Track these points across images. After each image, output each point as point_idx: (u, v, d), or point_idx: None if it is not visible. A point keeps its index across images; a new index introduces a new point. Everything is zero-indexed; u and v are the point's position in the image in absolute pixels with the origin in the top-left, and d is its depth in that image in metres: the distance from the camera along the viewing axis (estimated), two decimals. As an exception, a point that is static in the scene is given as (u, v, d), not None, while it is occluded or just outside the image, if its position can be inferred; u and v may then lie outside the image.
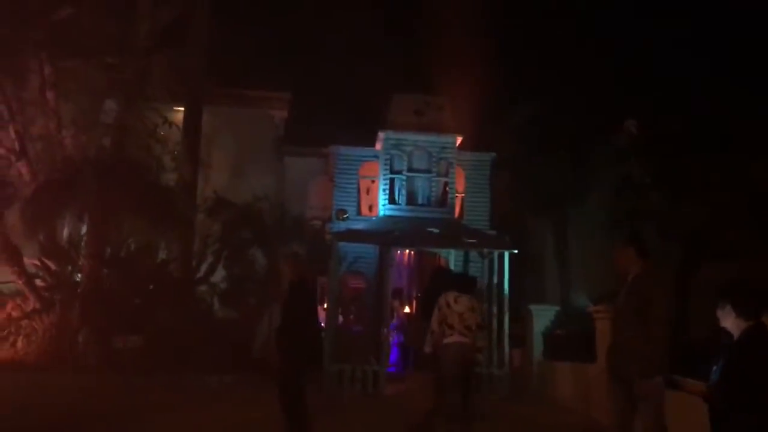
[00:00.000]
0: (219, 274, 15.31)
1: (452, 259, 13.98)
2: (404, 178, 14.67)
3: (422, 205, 14.54)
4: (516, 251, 12.93)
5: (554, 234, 18.01)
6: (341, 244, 13.69)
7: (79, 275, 12.54)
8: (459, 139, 14.70)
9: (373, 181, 15.38)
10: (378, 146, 15.11)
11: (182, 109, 16.54)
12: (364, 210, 15.41)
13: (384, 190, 14.62)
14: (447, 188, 14.64)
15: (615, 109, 15.67)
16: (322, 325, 16.62)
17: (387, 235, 12.90)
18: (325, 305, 19.74)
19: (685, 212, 14.81)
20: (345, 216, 14.30)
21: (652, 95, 15.36)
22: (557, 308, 13.62)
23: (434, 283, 11.03)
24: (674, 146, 14.84)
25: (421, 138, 14.48)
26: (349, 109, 17.43)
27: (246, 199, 16.13)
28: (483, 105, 15.39)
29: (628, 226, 15.56)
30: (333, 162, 15.58)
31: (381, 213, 14.61)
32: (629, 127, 15.54)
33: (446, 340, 7.33)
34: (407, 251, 16.45)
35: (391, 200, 14.57)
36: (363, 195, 15.50)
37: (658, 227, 14.98)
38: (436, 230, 13.16)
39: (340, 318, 15.20)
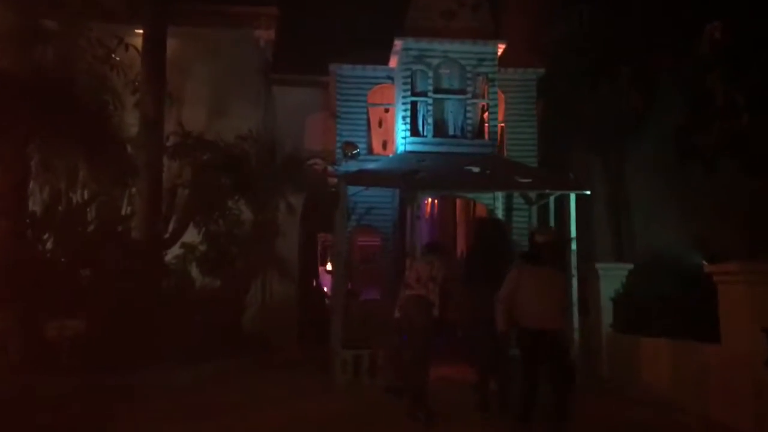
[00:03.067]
0: (193, 234, 12.08)
1: (500, 206, 10.71)
2: (430, 101, 11.16)
3: (454, 136, 11.11)
4: (588, 192, 9.74)
5: (607, 173, 14.70)
6: (351, 190, 10.42)
7: None
8: (501, 48, 11.23)
9: (387, 110, 11.99)
10: (393, 63, 11.65)
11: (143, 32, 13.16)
12: (377, 147, 12.06)
13: (404, 118, 11.15)
14: (486, 113, 11.23)
15: (694, 12, 12.20)
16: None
17: (411, 175, 9.59)
18: (328, 267, 16.97)
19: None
20: (355, 151, 10.90)
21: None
22: (630, 267, 10.50)
23: (486, 240, 7.76)
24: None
25: (453, 47, 10.97)
26: (356, 23, 13.81)
27: (228, 140, 12.86)
28: (528, 7, 11.94)
29: (710, 159, 12.39)
30: (334, 87, 12.14)
31: (400, 149, 11.21)
32: (712, 32, 12.06)
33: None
34: (429, 199, 13.20)
35: (414, 132, 11.12)
36: (374, 128, 12.11)
37: (749, 160, 11.74)
38: (476, 169, 9.85)
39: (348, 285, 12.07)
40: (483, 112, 11.32)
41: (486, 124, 11.28)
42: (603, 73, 13.26)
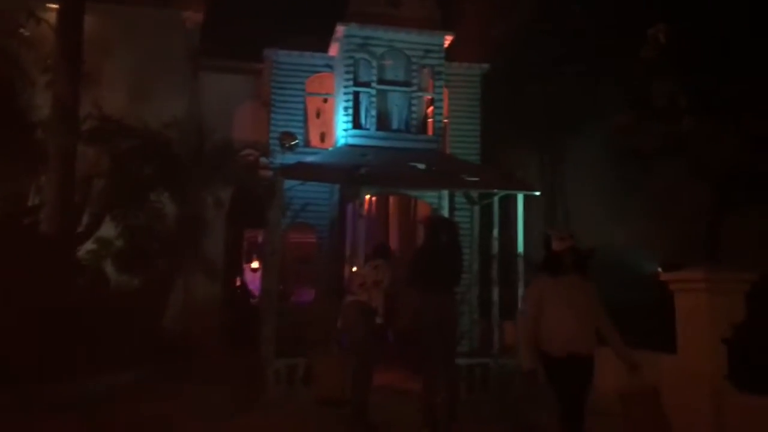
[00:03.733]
0: (110, 229, 11.04)
1: (445, 205, 10.19)
2: (373, 92, 10.51)
3: (398, 130, 10.52)
4: (538, 193, 9.37)
5: (543, 172, 14.49)
6: (286, 184, 9.64)
7: None
8: (448, 40, 10.72)
9: (325, 101, 11.30)
10: (334, 50, 10.96)
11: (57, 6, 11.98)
12: (314, 139, 11.35)
13: (345, 109, 10.45)
14: (432, 107, 10.70)
15: (641, 14, 12.09)
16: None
17: (354, 170, 8.93)
18: (253, 265, 16.08)
19: (725, 143, 11.55)
20: (293, 142, 10.14)
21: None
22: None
23: (438, 241, 7.15)
24: (716, 59, 11.46)
25: (399, 36, 10.37)
26: (292, 7, 13.03)
27: (151, 127, 11.84)
28: (474, 2, 11.51)
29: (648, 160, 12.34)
30: (268, 74, 11.35)
31: (340, 141, 10.52)
32: (656, 34, 11.97)
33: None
34: (367, 196, 12.59)
35: (356, 124, 10.46)
36: (312, 119, 11.39)
37: (691, 162, 11.72)
38: (421, 165, 9.31)
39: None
40: (427, 106, 10.80)
41: (430, 119, 10.76)
42: (546, 71, 13.04)
